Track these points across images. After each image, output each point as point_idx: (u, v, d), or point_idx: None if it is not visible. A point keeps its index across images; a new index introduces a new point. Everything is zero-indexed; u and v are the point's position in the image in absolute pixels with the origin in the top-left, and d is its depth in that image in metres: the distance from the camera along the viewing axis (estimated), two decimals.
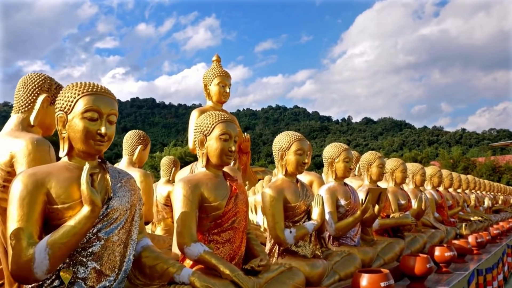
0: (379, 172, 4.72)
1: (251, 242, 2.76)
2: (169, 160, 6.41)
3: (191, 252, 2.31)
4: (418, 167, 6.16)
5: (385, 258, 3.90)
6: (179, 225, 2.37)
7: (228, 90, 5.60)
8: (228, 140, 2.59)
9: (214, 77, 5.64)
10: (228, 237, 2.51)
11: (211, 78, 5.62)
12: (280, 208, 3.10)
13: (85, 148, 1.91)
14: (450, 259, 4.30)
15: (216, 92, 5.49)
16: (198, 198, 2.44)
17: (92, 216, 1.75)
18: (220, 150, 2.56)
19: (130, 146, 4.33)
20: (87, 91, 1.93)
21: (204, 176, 2.57)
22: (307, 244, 3.19)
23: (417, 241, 4.79)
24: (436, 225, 5.99)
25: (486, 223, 8.30)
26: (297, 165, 3.26)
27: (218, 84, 5.50)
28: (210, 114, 2.65)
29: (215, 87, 5.49)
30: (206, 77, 5.67)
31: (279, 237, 3.05)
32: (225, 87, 5.56)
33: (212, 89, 5.50)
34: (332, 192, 3.84)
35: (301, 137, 3.34)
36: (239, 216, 2.58)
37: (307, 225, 3.13)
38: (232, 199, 2.55)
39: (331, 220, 3.74)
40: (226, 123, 2.61)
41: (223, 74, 5.61)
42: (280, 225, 3.06)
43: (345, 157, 3.97)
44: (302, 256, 3.14)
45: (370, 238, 4.17)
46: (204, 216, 2.48)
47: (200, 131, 2.63)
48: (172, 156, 6.63)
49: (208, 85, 5.56)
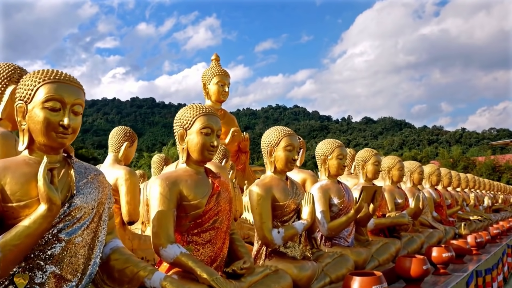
0: (375, 170, 4.56)
1: (235, 243, 2.59)
2: (160, 158, 6.27)
3: (167, 254, 2.14)
4: (416, 165, 6.00)
5: (380, 259, 3.74)
6: (154, 225, 2.20)
7: (227, 89, 5.52)
8: (210, 134, 2.42)
9: (213, 76, 5.55)
10: (209, 237, 2.35)
11: (210, 77, 5.53)
12: (267, 207, 2.94)
13: (47, 141, 1.75)
14: (448, 260, 4.13)
15: (215, 91, 5.41)
16: (176, 196, 2.28)
17: (49, 215, 1.59)
18: (201, 145, 2.40)
19: (116, 143, 4.17)
20: (49, 79, 1.77)
21: (184, 173, 2.41)
22: (296, 245, 3.03)
23: (414, 242, 4.63)
24: (434, 225, 5.83)
25: (486, 222, 8.15)
26: (286, 161, 3.10)
27: (217, 83, 5.42)
28: (191, 107, 2.49)
29: (214, 86, 5.41)
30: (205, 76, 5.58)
31: (266, 238, 2.88)
32: (224, 86, 5.49)
33: (211, 88, 5.43)
34: (325, 190, 3.68)
35: (290, 132, 3.17)
36: (221, 216, 2.42)
37: (297, 225, 2.97)
38: (213, 197, 2.39)
39: (324, 219, 3.58)
40: (207, 116, 2.44)
41: (222, 73, 5.52)
42: (267, 225, 2.90)
43: (339, 154, 3.80)
44: (291, 257, 2.97)
45: (364, 238, 4.01)
46: (183, 215, 2.32)
47: (180, 124, 2.47)
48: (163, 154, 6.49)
49: (207, 84, 5.48)
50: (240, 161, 6.21)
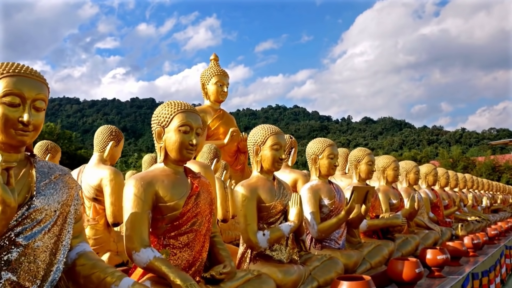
0: (368, 169, 4.44)
1: (217, 247, 2.48)
2: (151, 158, 6.17)
3: (140, 259, 2.03)
4: (412, 164, 5.88)
5: (372, 262, 3.62)
6: (128, 227, 2.08)
7: (226, 89, 5.46)
8: (189, 132, 2.31)
9: (212, 76, 5.47)
10: (187, 241, 2.23)
11: (209, 77, 5.45)
12: (253, 208, 2.82)
13: (5, 138, 1.63)
14: (443, 263, 4.01)
15: (214, 91, 5.35)
16: (152, 197, 2.16)
17: (2, 218, 1.47)
18: (180, 144, 2.28)
19: (101, 142, 4.06)
20: (8, 72, 1.65)
21: (160, 173, 2.29)
22: (283, 247, 2.91)
23: (408, 243, 4.51)
24: (431, 226, 5.71)
25: (484, 223, 8.02)
26: (273, 161, 2.98)
27: (216, 83, 5.36)
28: (169, 104, 2.37)
29: (213, 86, 5.35)
30: (203, 76, 5.52)
31: (251, 240, 2.77)
32: (223, 86, 5.42)
33: (209, 88, 5.37)
34: (315, 190, 3.56)
35: (277, 131, 3.06)
36: (201, 218, 2.30)
37: (283, 227, 2.85)
38: (192, 198, 2.27)
39: (313, 221, 3.46)
40: (186, 113, 2.32)
41: (221, 73, 5.45)
42: (252, 227, 2.78)
43: (330, 153, 3.68)
44: (277, 261, 2.85)
45: (356, 240, 3.89)
46: (159, 217, 2.20)
47: (157, 122, 2.35)
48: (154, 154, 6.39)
49: (206, 84, 5.42)
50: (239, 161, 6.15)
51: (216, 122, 5.48)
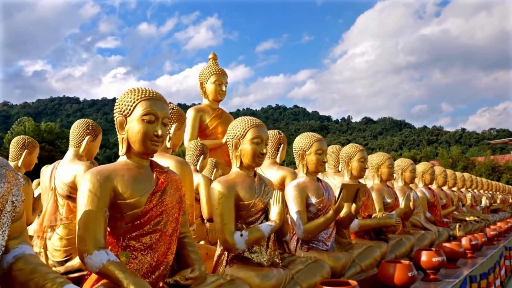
0: (361, 166, 4.22)
1: (187, 248, 2.25)
2: None
3: (92, 263, 1.80)
4: (408, 162, 5.65)
5: (362, 265, 3.39)
6: (80, 227, 1.86)
7: (225, 88, 5.39)
8: (154, 122, 2.08)
9: (210, 75, 5.40)
10: (150, 242, 2.00)
11: (207, 76, 5.39)
12: (230, 207, 2.60)
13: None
14: (439, 265, 3.78)
15: (212, 90, 5.29)
16: (109, 193, 1.94)
17: None
18: (143, 135, 2.05)
19: (77, 136, 3.83)
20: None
21: (121, 167, 2.06)
22: (263, 249, 2.68)
23: (403, 244, 4.28)
24: (427, 226, 5.49)
25: (483, 223, 7.80)
26: (254, 156, 2.75)
27: (214, 82, 5.30)
28: (132, 90, 2.14)
29: (211, 85, 5.30)
30: (202, 75, 5.45)
31: (227, 242, 2.54)
32: (221, 85, 5.35)
33: (208, 87, 5.31)
34: (302, 188, 3.33)
35: (258, 123, 2.83)
36: (166, 217, 2.07)
37: (263, 227, 2.62)
38: (156, 195, 2.05)
39: (299, 220, 3.23)
40: (151, 101, 2.10)
41: (220, 72, 5.37)
42: (229, 227, 2.56)
43: (318, 148, 3.45)
44: (257, 264, 2.63)
45: (346, 241, 3.67)
46: (118, 216, 1.97)
47: (119, 110, 2.13)
48: None
49: (204, 83, 5.36)
50: None
51: (214, 121, 5.37)
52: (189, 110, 5.14)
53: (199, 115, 5.67)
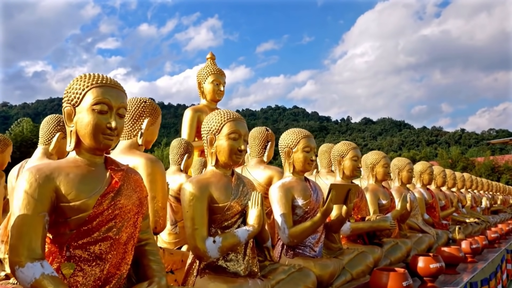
0: (353, 166, 3.94)
1: (148, 257, 1.97)
2: None
3: (23, 277, 1.52)
4: (405, 162, 5.37)
5: (353, 272, 3.10)
6: (13, 235, 1.57)
7: (223, 88, 5.31)
8: (107, 113, 1.80)
9: (208, 75, 5.31)
10: (99, 251, 1.72)
11: (205, 76, 5.30)
12: (202, 210, 2.32)
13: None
14: (437, 272, 3.51)
15: (210, 90, 5.21)
16: (50, 195, 1.66)
17: None
18: (94, 127, 1.77)
19: (47, 133, 3.56)
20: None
21: (68, 164, 1.78)
22: (240, 257, 2.40)
23: (398, 249, 4.00)
24: (425, 229, 5.21)
25: (484, 225, 7.53)
26: (231, 153, 2.48)
27: (212, 82, 5.22)
28: (82, 76, 1.86)
29: (209, 85, 5.23)
30: (200, 75, 5.36)
31: (198, 249, 2.26)
32: (219, 85, 5.26)
33: (206, 87, 5.24)
34: (287, 189, 3.05)
35: (236, 117, 2.55)
36: (121, 222, 1.79)
37: (239, 233, 2.35)
38: (108, 196, 1.76)
39: (284, 224, 2.95)
40: (103, 88, 1.81)
41: (217, 72, 5.26)
42: (200, 232, 2.28)
43: (305, 145, 3.17)
44: (232, 273, 2.35)
45: (337, 246, 3.38)
46: (62, 221, 1.69)
47: (67, 100, 1.85)
48: None
49: (202, 83, 5.28)
50: None
51: None
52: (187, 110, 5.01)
53: (196, 115, 5.49)
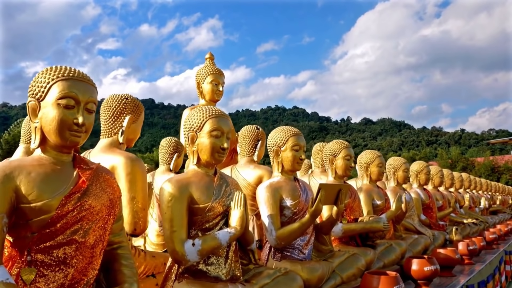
0: (346, 165, 3.83)
1: (119, 262, 1.85)
2: None
3: None
4: (401, 161, 5.25)
5: (344, 276, 2.99)
6: None
7: (222, 88, 5.28)
8: (73, 108, 1.69)
9: (207, 75, 5.26)
10: (63, 256, 1.61)
11: (204, 76, 5.26)
12: (181, 211, 2.21)
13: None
14: (431, 275, 3.39)
15: (209, 90, 5.18)
16: (9, 195, 1.54)
17: None
18: (59, 123, 1.66)
19: (28, 132, 3.48)
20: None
21: (31, 163, 1.67)
22: (221, 261, 2.29)
23: (392, 251, 3.88)
24: (421, 230, 5.09)
25: (482, 225, 7.42)
26: (213, 151, 2.37)
27: (211, 82, 5.19)
28: (49, 69, 1.74)
29: (208, 85, 5.20)
30: (199, 75, 5.33)
31: (176, 252, 2.15)
32: (218, 85, 5.24)
33: (205, 87, 5.22)
34: (275, 189, 2.94)
35: (218, 113, 2.44)
36: (88, 224, 1.68)
37: (220, 235, 2.23)
38: (74, 197, 1.65)
39: (271, 226, 2.84)
40: (70, 82, 1.70)
41: (216, 72, 5.22)
42: (179, 235, 2.17)
43: (294, 144, 3.06)
44: (213, 278, 2.24)
45: (327, 248, 3.27)
46: (23, 223, 1.58)
47: (31, 93, 1.73)
48: None
49: (201, 83, 5.25)
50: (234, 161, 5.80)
51: None
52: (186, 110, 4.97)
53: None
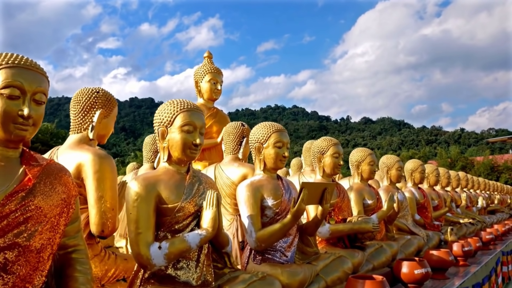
0: (334, 163, 3.68)
1: (73, 267, 1.70)
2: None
3: None
4: (394, 159, 5.11)
5: (328, 280, 2.83)
6: None
7: (220, 87, 5.22)
8: (19, 98, 1.53)
9: (205, 74, 5.19)
10: (4, 262, 1.46)
11: (202, 75, 5.19)
12: (148, 211, 2.05)
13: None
14: (422, 278, 3.24)
15: (207, 89, 5.12)
16: None
17: None
18: (2, 114, 1.50)
19: None
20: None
21: None
22: (192, 265, 2.14)
23: (383, 252, 3.73)
24: (414, 230, 4.94)
25: (479, 225, 7.26)
26: (184, 147, 2.21)
27: (209, 81, 5.13)
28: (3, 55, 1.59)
29: (206, 84, 5.14)
30: (197, 74, 5.26)
31: (140, 256, 2.00)
32: (216, 84, 5.18)
33: (203, 86, 5.17)
34: (256, 188, 2.79)
35: (190, 107, 2.28)
36: (34, 226, 1.52)
37: (189, 237, 2.08)
38: (17, 196, 1.50)
39: (251, 227, 2.69)
40: (14, 70, 1.54)
41: (215, 71, 5.15)
42: (144, 237, 2.01)
43: (277, 140, 2.90)
44: (183, 283, 2.08)
45: (312, 250, 3.11)
46: None
47: None
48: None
49: (199, 82, 5.18)
50: None
51: (209, 121, 5.08)
52: None
53: None
